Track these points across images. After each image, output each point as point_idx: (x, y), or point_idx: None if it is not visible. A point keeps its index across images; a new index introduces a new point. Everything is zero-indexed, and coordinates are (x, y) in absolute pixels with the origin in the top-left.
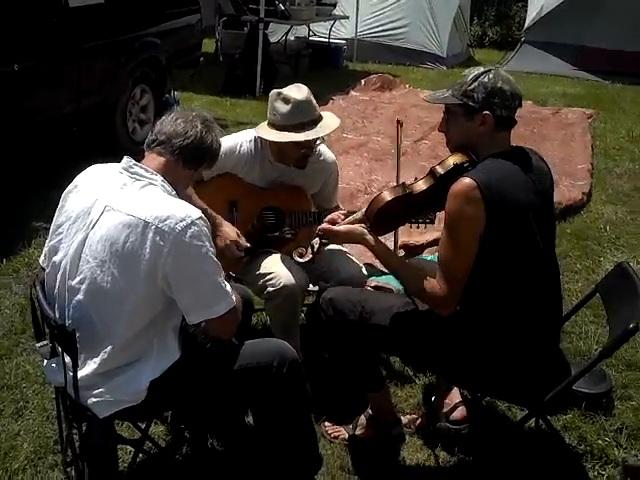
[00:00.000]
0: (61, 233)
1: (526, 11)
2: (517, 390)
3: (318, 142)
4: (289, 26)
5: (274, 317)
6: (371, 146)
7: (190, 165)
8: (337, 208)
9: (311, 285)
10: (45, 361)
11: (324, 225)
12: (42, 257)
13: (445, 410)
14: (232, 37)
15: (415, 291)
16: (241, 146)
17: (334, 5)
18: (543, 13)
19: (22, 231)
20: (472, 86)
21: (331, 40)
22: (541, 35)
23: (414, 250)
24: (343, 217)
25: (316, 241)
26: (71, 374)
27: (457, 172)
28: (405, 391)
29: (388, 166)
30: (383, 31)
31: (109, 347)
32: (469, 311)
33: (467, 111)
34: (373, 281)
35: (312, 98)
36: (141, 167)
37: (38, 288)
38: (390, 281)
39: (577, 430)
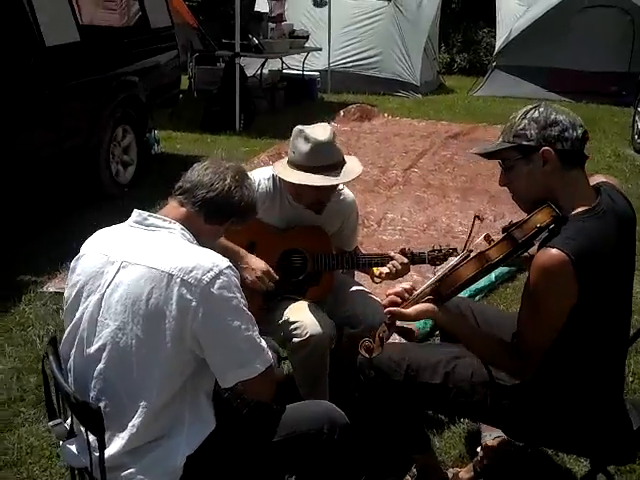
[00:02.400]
0: (68, 301)
1: (492, 36)
2: (584, 441)
3: (340, 187)
4: (263, 60)
5: (300, 370)
6: (361, 177)
7: (213, 220)
8: (357, 250)
9: None
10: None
11: (392, 309)
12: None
13: (494, 461)
14: (205, 73)
15: (491, 362)
16: (259, 184)
17: (307, 37)
18: (512, 37)
19: (10, 286)
20: (522, 124)
21: (305, 72)
22: (511, 59)
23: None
24: (407, 292)
25: (384, 329)
26: (96, 455)
27: (539, 232)
28: (444, 441)
29: (381, 197)
30: (356, 61)
31: (137, 420)
32: (541, 370)
33: (524, 153)
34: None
35: (335, 140)
36: (157, 217)
37: (51, 359)
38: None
39: (633, 474)
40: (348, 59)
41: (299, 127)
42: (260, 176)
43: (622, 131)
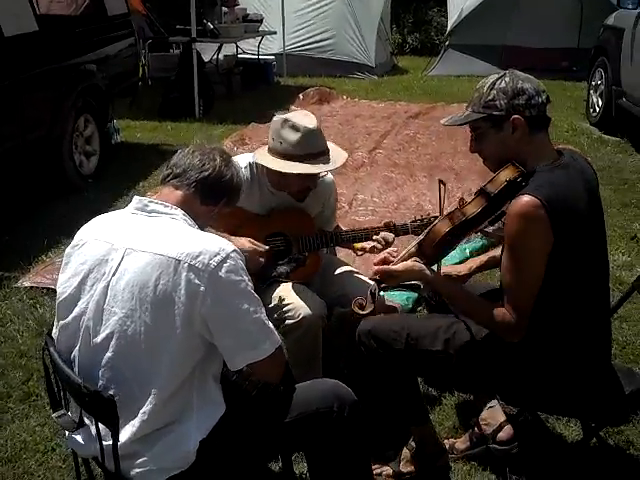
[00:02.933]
0: (68, 291)
1: (443, 16)
2: (578, 403)
3: (322, 174)
4: (218, 45)
5: (295, 351)
6: None
7: (208, 201)
8: (337, 228)
9: None
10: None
11: (380, 267)
12: (54, 329)
13: (489, 431)
14: (159, 60)
15: (483, 321)
16: None
17: (260, 21)
18: (463, 16)
19: None
20: (491, 95)
21: (260, 56)
22: (463, 38)
23: (457, 281)
24: (392, 255)
25: (374, 286)
26: (106, 443)
27: (510, 188)
28: (437, 414)
29: (349, 179)
30: (310, 44)
31: (149, 406)
32: (531, 330)
33: (494, 122)
34: None
35: (320, 127)
36: (158, 203)
37: (52, 350)
38: (392, 297)
39: (621, 434)
40: (303, 42)
41: (280, 116)
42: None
43: (576, 105)
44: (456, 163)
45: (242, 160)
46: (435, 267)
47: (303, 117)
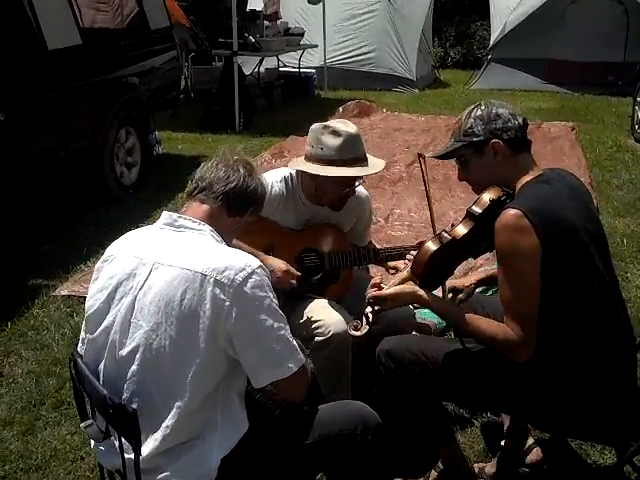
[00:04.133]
0: (97, 304)
1: (485, 29)
2: (600, 428)
3: (357, 183)
4: (260, 58)
5: (324, 368)
6: None
7: (235, 212)
8: (370, 244)
9: None
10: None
11: (372, 292)
12: (80, 344)
13: (518, 454)
14: (202, 72)
15: (487, 340)
16: (272, 187)
17: (302, 35)
18: (507, 30)
19: (21, 290)
20: (469, 123)
21: (301, 69)
22: (507, 52)
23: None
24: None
25: (368, 310)
26: (128, 456)
27: (496, 208)
28: (467, 436)
29: (387, 193)
30: (351, 57)
31: (171, 420)
32: (541, 350)
33: (475, 148)
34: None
35: (360, 136)
36: (186, 219)
37: (80, 361)
38: (425, 315)
39: None
40: (344, 55)
41: (319, 124)
42: (272, 178)
43: (621, 121)
44: None
45: (277, 174)
46: (439, 292)
47: (343, 124)
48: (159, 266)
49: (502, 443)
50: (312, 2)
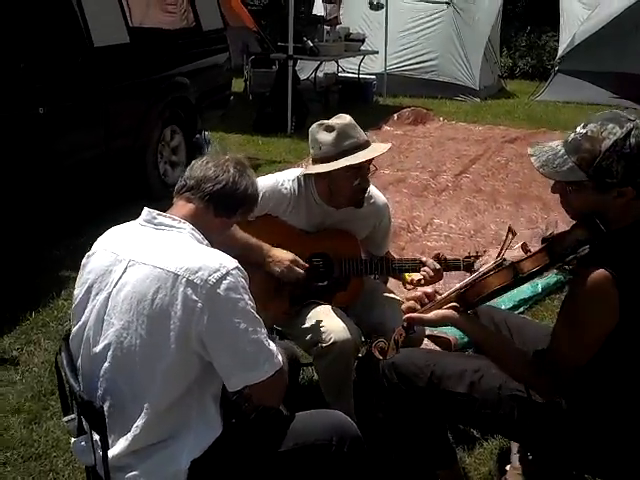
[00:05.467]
0: (77, 299)
1: (556, 40)
2: (620, 468)
3: (372, 170)
4: (318, 62)
5: (325, 376)
6: (410, 182)
7: (222, 213)
8: (388, 254)
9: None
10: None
11: (412, 314)
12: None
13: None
14: (261, 76)
15: (516, 376)
16: (282, 185)
17: (362, 40)
18: (576, 43)
19: (49, 281)
20: (609, 160)
21: (361, 75)
22: (575, 64)
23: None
24: (428, 296)
25: (400, 332)
26: (101, 453)
27: (579, 246)
28: (474, 457)
29: (429, 202)
30: (413, 64)
31: (141, 421)
32: (575, 390)
33: (601, 187)
34: (427, 330)
35: (355, 123)
36: (166, 216)
37: (63, 355)
38: (449, 331)
39: None
40: (405, 62)
41: (315, 123)
42: (283, 177)
43: None
44: (545, 193)
45: (292, 173)
46: None
47: (336, 118)
48: (134, 263)
49: (507, 468)
50: (374, 8)
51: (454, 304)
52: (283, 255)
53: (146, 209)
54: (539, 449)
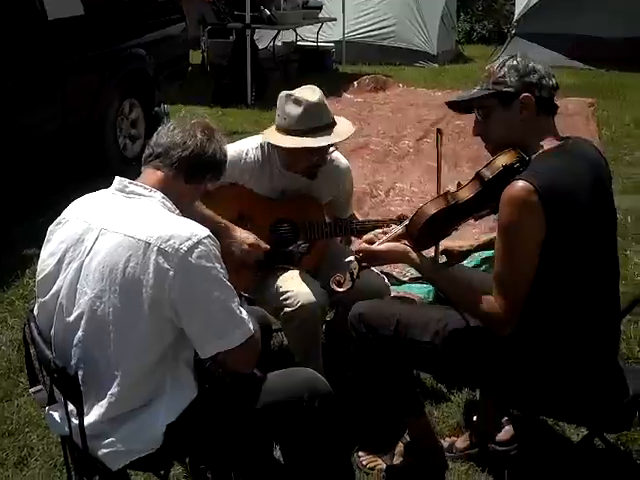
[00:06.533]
0: (48, 269)
1: (513, 4)
2: (575, 407)
3: (331, 149)
4: (276, 31)
5: (293, 339)
6: (372, 147)
7: (192, 179)
8: (352, 217)
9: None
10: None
11: (362, 245)
12: (35, 307)
13: (490, 430)
14: (218, 46)
15: (470, 311)
16: (247, 154)
17: (320, 8)
18: (531, 4)
19: (14, 260)
20: (502, 72)
21: (319, 43)
22: (531, 27)
23: (457, 257)
24: (380, 235)
25: (354, 265)
26: (76, 422)
27: (507, 174)
28: (441, 410)
29: (391, 167)
30: (371, 31)
31: (116, 389)
32: (524, 325)
33: (503, 100)
34: (393, 292)
35: (325, 101)
36: (137, 185)
37: (32, 326)
38: (412, 290)
39: (634, 443)
40: (363, 29)
41: (286, 92)
42: (248, 145)
43: None
44: None
45: (254, 140)
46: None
47: (306, 91)
48: (106, 232)
49: (474, 418)
50: None
51: (403, 240)
52: (244, 236)
53: (117, 178)
54: (497, 393)
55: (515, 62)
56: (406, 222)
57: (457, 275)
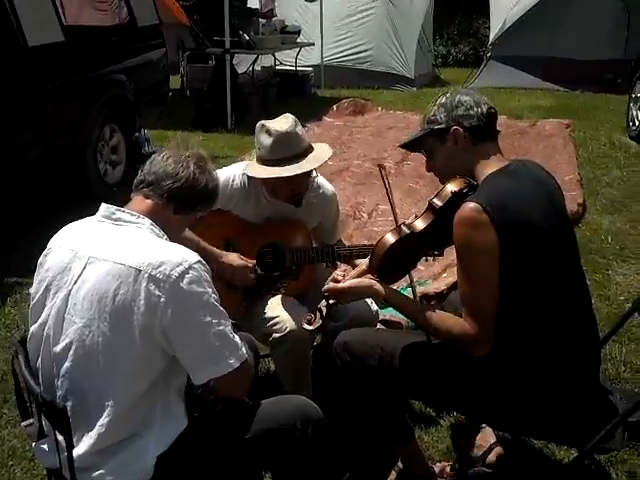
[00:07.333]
0: (36, 297)
1: (487, 28)
2: (558, 428)
3: (313, 175)
4: (255, 56)
5: (282, 365)
6: (353, 170)
7: (181, 210)
8: (340, 242)
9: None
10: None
11: (328, 285)
12: (29, 336)
13: (479, 453)
14: (198, 71)
15: (443, 335)
16: (233, 180)
17: (298, 32)
18: (506, 27)
19: None
20: (432, 111)
21: (298, 68)
22: (506, 50)
23: (435, 298)
24: (341, 274)
25: (323, 304)
26: (65, 454)
27: (457, 200)
28: (431, 435)
29: (375, 187)
30: (349, 55)
31: (106, 419)
32: (501, 346)
33: (438, 136)
34: (380, 314)
35: (298, 129)
36: (124, 212)
37: (21, 359)
38: (398, 314)
39: (624, 464)
40: (341, 54)
41: (261, 122)
42: (234, 172)
43: (618, 119)
44: None
45: (239, 167)
46: (409, 292)
47: (279, 120)
48: (94, 260)
49: (462, 441)
50: (309, 0)
51: (368, 275)
52: (234, 261)
53: (104, 204)
54: (483, 415)
55: (444, 99)
56: (368, 258)
57: (424, 304)
